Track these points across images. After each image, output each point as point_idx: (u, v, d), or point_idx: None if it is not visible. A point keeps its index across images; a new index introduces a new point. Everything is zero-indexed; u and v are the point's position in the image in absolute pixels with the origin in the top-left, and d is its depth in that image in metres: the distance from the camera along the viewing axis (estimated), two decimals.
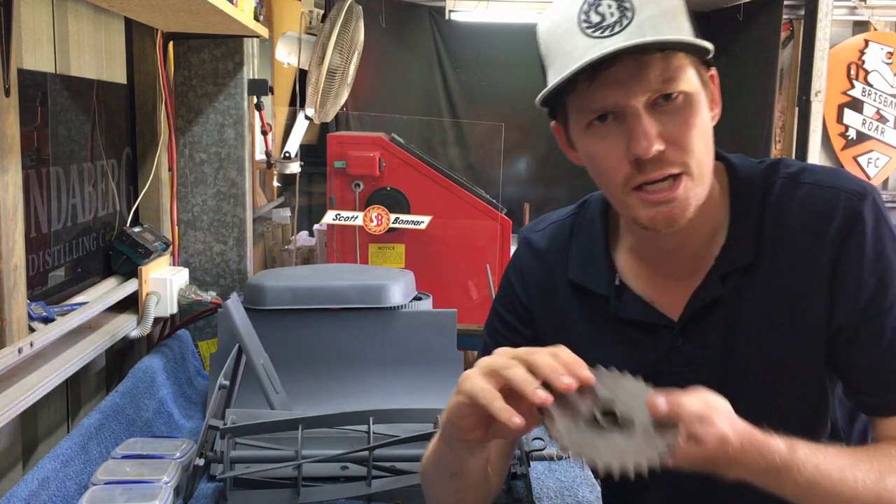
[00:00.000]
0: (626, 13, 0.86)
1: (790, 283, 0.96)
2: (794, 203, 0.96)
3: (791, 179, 0.98)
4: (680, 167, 0.89)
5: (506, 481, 1.44)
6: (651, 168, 0.89)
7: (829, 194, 0.95)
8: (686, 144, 0.89)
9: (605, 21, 0.86)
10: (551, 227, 1.11)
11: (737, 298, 0.97)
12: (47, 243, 1.57)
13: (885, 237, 0.94)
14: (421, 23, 4.77)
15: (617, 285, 1.03)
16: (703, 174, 0.92)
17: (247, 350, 1.64)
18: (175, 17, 1.82)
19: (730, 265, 0.97)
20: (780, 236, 0.96)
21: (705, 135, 0.91)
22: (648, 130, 0.87)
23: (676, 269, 1.00)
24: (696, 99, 0.90)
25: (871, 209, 0.94)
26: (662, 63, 0.87)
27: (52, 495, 1.26)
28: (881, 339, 0.93)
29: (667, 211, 0.90)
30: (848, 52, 4.62)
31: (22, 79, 1.38)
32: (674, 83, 0.87)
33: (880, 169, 4.71)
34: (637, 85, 0.87)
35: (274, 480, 1.44)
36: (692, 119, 0.89)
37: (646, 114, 0.87)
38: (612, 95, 0.88)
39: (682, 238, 0.98)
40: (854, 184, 0.96)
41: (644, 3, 0.87)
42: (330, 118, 2.71)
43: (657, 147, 0.87)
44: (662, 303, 1.01)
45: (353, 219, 3.06)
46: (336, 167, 3.10)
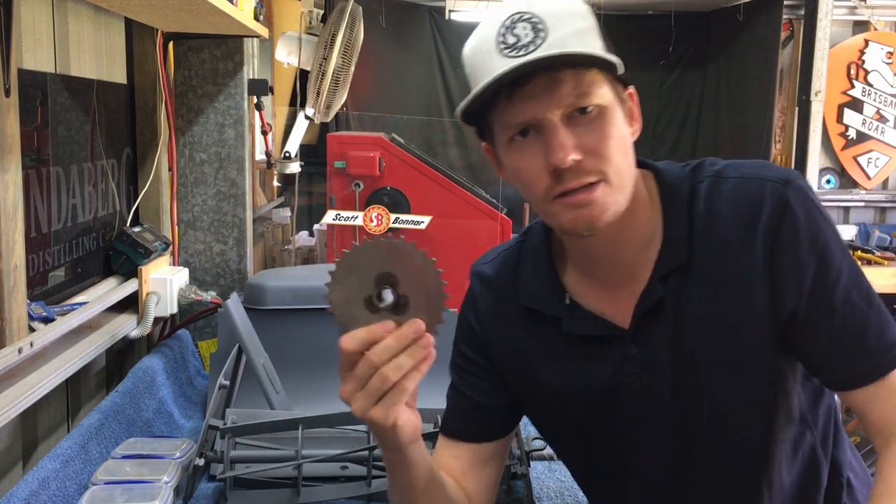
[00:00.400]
0: (539, 34, 0.92)
1: (727, 276, 0.99)
2: (721, 199, 1.00)
3: (716, 177, 1.02)
4: (597, 175, 0.93)
5: (506, 481, 1.44)
6: (569, 177, 0.93)
7: (755, 185, 0.99)
8: (602, 153, 0.93)
9: (520, 42, 0.92)
10: (499, 258, 1.15)
11: (678, 298, 1.00)
12: (47, 243, 1.57)
13: (816, 218, 0.97)
14: (421, 23, 4.77)
15: (568, 304, 1.06)
16: (623, 182, 0.96)
17: (247, 350, 1.64)
18: (175, 17, 1.82)
19: (667, 266, 1.00)
20: (711, 232, 1.00)
21: (623, 145, 0.95)
22: (564, 141, 0.92)
23: (620, 279, 1.03)
24: (610, 112, 0.94)
25: (797, 194, 0.97)
26: (575, 78, 0.92)
27: (52, 495, 1.26)
28: (834, 315, 0.96)
29: (586, 213, 0.94)
30: (848, 51, 4.62)
31: (22, 79, 1.38)
32: (587, 97, 0.92)
33: (880, 169, 4.71)
34: (551, 99, 0.92)
35: (274, 480, 1.44)
36: (608, 130, 0.94)
37: (562, 126, 0.92)
38: (529, 110, 0.93)
39: (618, 247, 1.01)
40: (778, 172, 1.00)
41: (556, 24, 0.92)
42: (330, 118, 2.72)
43: (573, 157, 0.91)
44: (612, 314, 1.04)
45: (353, 219, 3.06)
46: (336, 167, 3.10)
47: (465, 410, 0.90)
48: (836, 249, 0.97)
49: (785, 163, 4.70)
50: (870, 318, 0.96)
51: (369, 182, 3.10)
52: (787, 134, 4.73)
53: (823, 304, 0.96)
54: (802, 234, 0.96)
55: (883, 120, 4.65)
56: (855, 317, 0.96)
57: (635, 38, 4.90)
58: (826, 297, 0.96)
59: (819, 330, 0.97)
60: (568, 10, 0.94)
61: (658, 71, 5.01)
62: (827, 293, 0.96)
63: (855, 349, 0.96)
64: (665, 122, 5.09)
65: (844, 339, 0.96)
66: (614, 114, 0.95)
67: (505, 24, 0.93)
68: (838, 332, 0.96)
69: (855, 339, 0.96)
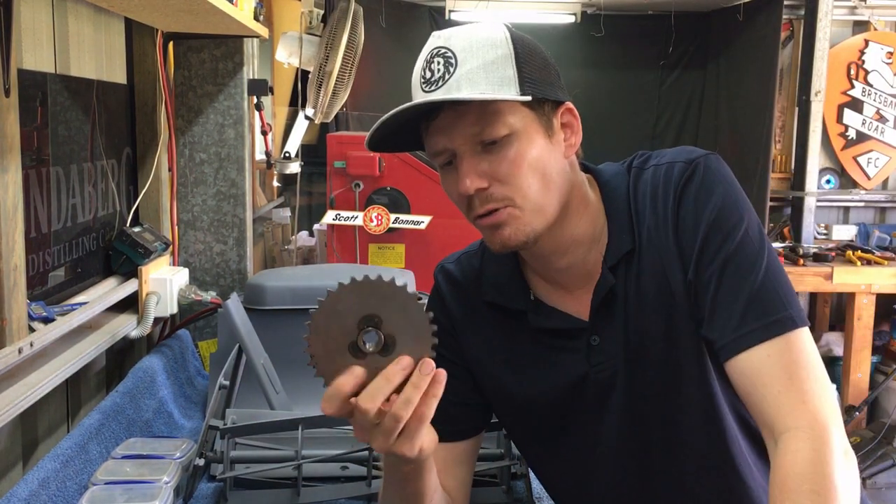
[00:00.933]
0: (449, 69, 0.97)
1: (655, 258, 1.03)
2: (645, 185, 1.05)
3: (640, 168, 1.08)
4: (504, 202, 0.98)
5: (506, 481, 1.45)
6: (477, 204, 0.99)
7: (667, 169, 1.04)
8: (510, 181, 0.98)
9: (434, 76, 0.98)
10: (464, 257, 1.18)
11: (626, 284, 1.04)
12: (47, 243, 1.57)
13: (713, 188, 1.01)
14: (421, 23, 4.77)
15: (532, 300, 1.10)
16: (536, 204, 0.99)
17: (247, 350, 1.64)
18: (175, 17, 1.82)
19: (614, 257, 1.04)
20: (640, 219, 1.04)
21: (538, 168, 0.99)
22: (468, 171, 0.97)
23: (577, 280, 1.07)
24: (521, 138, 0.98)
25: (698, 170, 1.02)
26: (479, 110, 0.96)
27: (52, 495, 1.26)
28: (720, 277, 0.97)
29: (499, 234, 1.00)
30: (848, 51, 4.62)
31: (22, 79, 1.38)
32: (491, 129, 0.96)
33: (880, 169, 4.71)
34: (456, 131, 0.97)
35: (274, 480, 1.44)
36: (517, 157, 0.97)
37: (468, 157, 0.98)
38: (440, 142, 0.99)
39: (569, 252, 1.05)
40: (689, 154, 1.05)
41: (467, 57, 0.97)
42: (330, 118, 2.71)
43: (477, 185, 0.97)
44: (575, 310, 1.07)
45: (353, 219, 3.06)
46: (336, 167, 3.10)
47: (439, 410, 0.92)
48: (732, 217, 0.99)
49: (785, 163, 4.70)
50: (752, 286, 0.95)
51: (369, 182, 3.10)
52: (786, 134, 4.73)
53: (707, 270, 0.98)
54: (697, 205, 1.00)
55: (883, 120, 4.65)
56: (734, 283, 0.96)
57: (635, 38, 4.90)
58: (709, 262, 0.98)
59: (706, 292, 0.98)
60: (482, 42, 0.98)
61: (658, 71, 5.00)
62: (711, 259, 0.98)
63: (732, 315, 0.95)
64: (665, 122, 5.09)
65: (724, 304, 0.96)
66: (527, 139, 0.98)
67: (426, 59, 1.00)
68: (718, 295, 0.97)
69: (731, 304, 0.96)
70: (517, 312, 1.10)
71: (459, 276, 1.16)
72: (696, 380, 1.03)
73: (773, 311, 0.94)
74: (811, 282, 3.87)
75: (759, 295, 0.95)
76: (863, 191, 4.73)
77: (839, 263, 3.93)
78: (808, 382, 0.92)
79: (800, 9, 4.51)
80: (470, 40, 0.98)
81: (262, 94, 2.32)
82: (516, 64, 0.98)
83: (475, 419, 1.15)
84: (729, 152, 4.76)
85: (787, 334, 0.93)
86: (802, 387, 0.91)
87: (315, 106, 2.43)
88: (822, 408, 0.90)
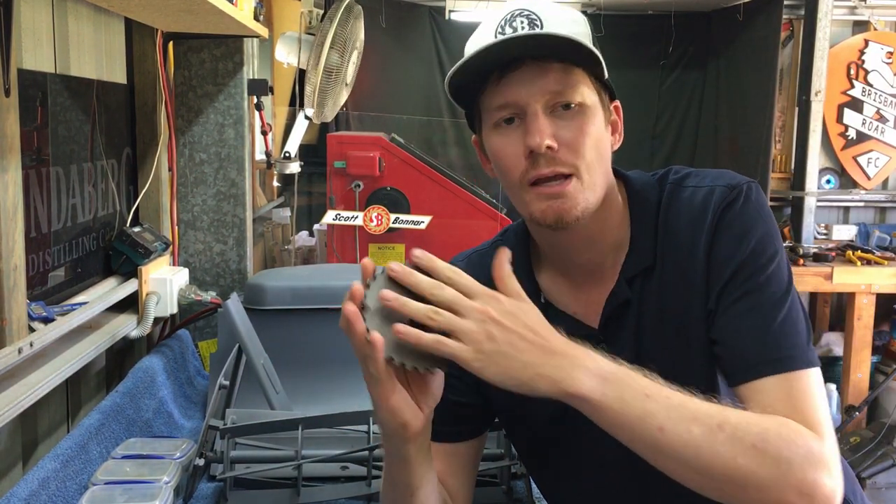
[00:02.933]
0: (535, 26, 0.97)
1: (679, 279, 1.02)
2: (679, 205, 1.04)
3: (677, 185, 1.06)
4: (570, 168, 0.97)
5: (506, 481, 1.45)
6: (543, 163, 0.97)
7: (707, 192, 1.03)
8: (578, 149, 0.97)
9: (517, 33, 0.96)
10: (475, 256, 1.17)
11: (641, 299, 1.03)
12: (47, 243, 1.57)
13: (752, 219, 1.00)
14: (421, 23, 4.77)
15: (542, 303, 1.08)
16: (594, 181, 0.99)
17: (247, 350, 1.64)
18: (175, 17, 1.82)
19: (633, 269, 1.04)
20: (669, 237, 1.03)
21: (598, 147, 0.99)
22: (542, 128, 0.95)
23: (591, 280, 1.07)
24: (592, 112, 0.98)
25: (739, 199, 1.01)
26: (562, 73, 0.96)
27: (51, 495, 1.26)
28: (743, 302, 0.97)
29: (557, 206, 0.97)
30: (848, 51, 4.62)
31: (22, 79, 1.38)
32: (571, 92, 0.96)
33: (880, 169, 4.71)
34: (537, 87, 0.96)
35: (274, 480, 1.44)
36: (586, 128, 0.97)
37: (543, 115, 0.96)
38: (515, 94, 0.97)
39: (592, 248, 1.05)
40: (731, 179, 1.03)
41: (554, 22, 0.97)
42: (329, 118, 2.71)
43: (548, 142, 0.95)
44: (584, 313, 1.07)
45: (353, 219, 3.06)
46: (336, 167, 3.10)
47: (442, 410, 0.91)
48: (764, 250, 0.98)
49: (785, 163, 4.70)
50: (775, 321, 0.95)
51: (369, 182, 3.10)
52: (786, 134, 4.73)
53: (733, 296, 0.97)
54: (734, 235, 0.99)
55: (883, 120, 4.65)
56: (760, 315, 0.96)
57: (635, 38, 4.90)
58: (737, 290, 0.97)
59: (721, 322, 0.98)
60: (567, 15, 0.99)
61: (658, 71, 5.01)
62: (739, 287, 0.97)
63: (754, 344, 0.95)
64: (665, 122, 5.09)
65: (745, 333, 0.96)
66: (595, 115, 0.99)
67: (504, 19, 0.98)
68: (741, 324, 0.97)
69: (754, 334, 0.95)
70: None
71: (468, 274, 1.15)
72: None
73: (788, 348, 0.95)
74: (811, 282, 3.87)
75: (777, 332, 0.95)
76: (863, 191, 4.73)
77: (839, 263, 3.93)
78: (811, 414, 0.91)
79: (800, 9, 4.51)
80: (553, 9, 0.98)
81: (262, 94, 2.32)
82: (594, 42, 0.99)
83: (477, 420, 1.14)
84: (729, 152, 4.76)
85: (797, 371, 0.93)
86: (805, 418, 0.90)
87: (310, 104, 2.44)
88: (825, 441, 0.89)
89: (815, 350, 0.98)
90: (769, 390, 0.93)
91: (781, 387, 0.92)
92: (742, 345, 0.96)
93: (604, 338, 1.04)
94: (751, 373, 0.95)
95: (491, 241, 1.18)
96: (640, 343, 1.03)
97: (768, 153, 4.39)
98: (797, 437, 0.86)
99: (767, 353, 0.95)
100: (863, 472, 3.36)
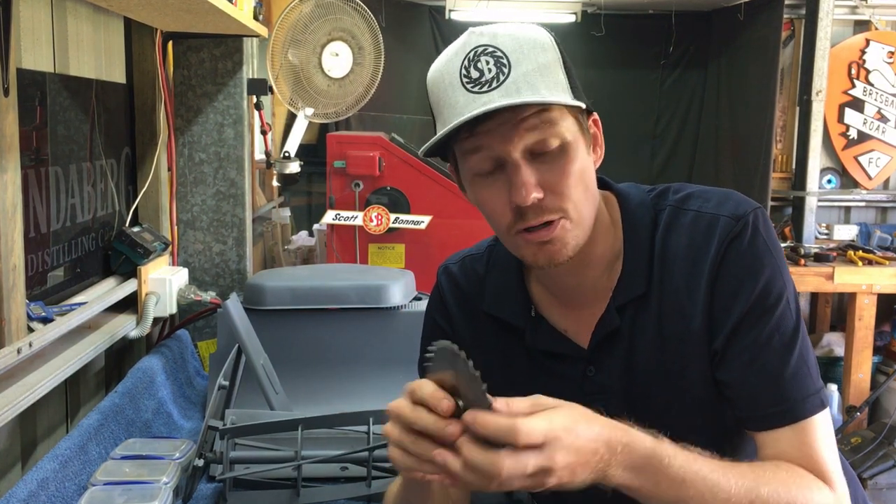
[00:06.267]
0: (502, 69, 0.92)
1: (677, 309, 0.99)
2: (679, 231, 1.01)
3: (676, 207, 1.03)
4: (558, 213, 0.94)
5: None
6: (531, 215, 0.94)
7: (710, 220, 0.99)
8: (563, 192, 0.94)
9: (484, 77, 0.92)
10: (468, 259, 1.16)
11: (632, 328, 1.01)
12: (46, 243, 1.56)
13: (760, 257, 0.97)
14: (421, 22, 4.77)
15: (533, 316, 1.07)
16: (583, 216, 0.96)
17: (246, 350, 1.63)
18: (174, 17, 1.82)
19: (624, 297, 1.01)
20: (667, 265, 1.00)
21: (583, 180, 0.96)
22: (526, 180, 0.92)
23: (582, 300, 1.04)
24: (573, 147, 0.94)
25: (746, 231, 0.97)
26: (538, 116, 0.92)
27: (51, 496, 1.26)
28: (751, 353, 0.96)
29: (547, 250, 0.95)
30: (849, 51, 4.62)
31: (21, 78, 1.38)
32: (550, 135, 0.92)
33: (881, 169, 4.70)
34: (514, 135, 0.92)
35: (273, 481, 1.44)
36: (569, 167, 0.94)
37: (524, 164, 0.92)
38: (492, 145, 0.92)
39: (581, 273, 1.02)
40: (736, 207, 0.99)
41: (520, 59, 0.92)
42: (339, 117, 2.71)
43: (535, 195, 0.92)
44: (574, 331, 1.05)
45: (353, 219, 3.05)
46: (336, 167, 3.10)
47: None
48: (773, 290, 0.96)
49: (786, 162, 4.70)
50: (788, 364, 0.95)
51: (369, 182, 3.09)
52: (787, 133, 4.72)
53: (744, 341, 0.96)
54: (741, 272, 0.96)
55: (884, 119, 4.65)
56: (772, 359, 0.95)
57: (636, 38, 4.90)
58: (748, 334, 0.96)
59: (733, 366, 0.97)
60: (532, 43, 0.93)
61: (658, 70, 5.00)
62: (750, 331, 0.96)
63: (767, 391, 0.96)
64: (665, 121, 5.08)
65: (758, 379, 0.96)
66: (577, 148, 0.95)
67: (468, 57, 0.93)
68: (753, 370, 0.96)
69: (768, 381, 0.95)
70: (515, 328, 1.08)
71: (462, 280, 1.14)
72: (700, 433, 0.99)
73: (800, 393, 0.95)
74: (812, 282, 3.87)
75: (790, 380, 0.95)
76: (864, 191, 4.73)
77: (840, 263, 3.92)
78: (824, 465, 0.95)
79: (801, 8, 4.50)
80: (518, 41, 0.93)
81: (262, 94, 2.32)
82: (564, 68, 0.95)
83: None
84: (730, 152, 4.76)
85: (810, 419, 0.95)
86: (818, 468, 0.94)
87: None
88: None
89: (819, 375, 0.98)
90: (783, 440, 0.95)
91: (795, 436, 0.95)
92: (755, 394, 0.96)
93: (592, 360, 1.03)
94: (765, 423, 0.96)
95: (486, 245, 1.16)
96: (631, 372, 1.01)
97: (769, 153, 4.38)
98: None
99: (780, 405, 0.95)
100: (864, 473, 3.36)
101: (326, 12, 2.51)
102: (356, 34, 2.56)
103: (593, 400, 1.01)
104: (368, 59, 2.58)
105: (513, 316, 1.08)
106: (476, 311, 1.12)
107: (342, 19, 2.53)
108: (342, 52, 2.56)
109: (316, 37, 2.51)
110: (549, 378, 1.06)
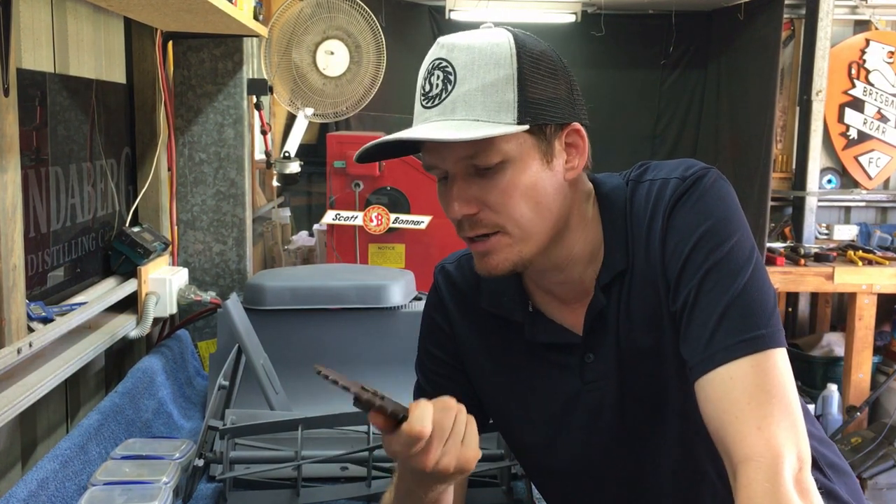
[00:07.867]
0: (447, 86, 0.93)
1: (647, 278, 0.99)
2: (639, 202, 1.01)
3: (636, 181, 1.03)
4: (493, 228, 0.96)
5: (505, 482, 1.44)
6: (467, 227, 0.97)
7: (661, 184, 1.00)
8: (501, 209, 0.94)
9: (432, 91, 0.95)
10: (464, 259, 1.17)
11: (618, 306, 1.01)
12: (46, 243, 1.56)
13: (708, 203, 0.96)
14: (421, 22, 4.76)
15: (531, 311, 1.07)
16: (528, 232, 0.96)
17: (246, 350, 1.64)
18: (174, 17, 1.82)
19: (608, 276, 1.01)
20: (635, 237, 1.01)
21: (532, 195, 0.95)
22: (456, 196, 0.95)
23: (573, 293, 1.05)
24: (517, 164, 0.94)
25: (697, 185, 0.97)
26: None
27: (51, 496, 1.26)
28: (696, 294, 0.93)
29: (486, 262, 0.98)
30: (849, 51, 4.62)
31: (21, 78, 1.38)
32: (484, 155, 0.93)
33: (881, 168, 4.70)
34: (448, 154, 0.94)
35: (274, 481, 1.44)
36: (509, 185, 0.94)
37: (461, 178, 0.95)
38: (433, 160, 0.97)
39: (566, 270, 1.03)
40: (686, 169, 0.99)
41: (466, 76, 0.93)
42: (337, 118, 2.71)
43: (464, 211, 0.95)
44: (571, 322, 1.05)
45: (353, 219, 3.05)
46: (336, 167, 3.10)
47: None
48: (722, 232, 0.94)
49: (786, 163, 4.70)
50: (736, 297, 0.91)
51: (369, 182, 3.09)
52: (787, 133, 4.72)
53: (692, 280, 0.93)
54: (686, 224, 0.96)
55: (884, 119, 4.65)
56: (720, 294, 0.91)
57: (636, 38, 4.89)
58: (696, 272, 0.93)
59: (685, 306, 0.94)
60: (486, 59, 0.93)
61: (658, 70, 5.00)
62: (699, 268, 0.93)
63: (710, 327, 0.91)
64: (665, 121, 5.08)
65: (703, 316, 0.92)
66: (522, 165, 0.94)
67: (427, 69, 0.96)
68: (700, 307, 0.93)
69: (712, 317, 0.91)
70: (514, 323, 1.08)
71: (459, 279, 1.15)
72: (680, 408, 0.99)
73: (746, 328, 0.89)
74: (812, 282, 3.87)
75: (734, 310, 0.90)
76: (864, 191, 4.73)
77: (840, 263, 3.92)
78: (767, 407, 0.86)
79: (801, 8, 4.50)
80: (473, 55, 0.93)
81: (262, 94, 2.32)
82: (518, 85, 0.92)
83: None
84: (730, 152, 4.76)
85: (756, 355, 0.88)
86: (761, 412, 0.86)
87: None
88: (777, 434, 0.84)
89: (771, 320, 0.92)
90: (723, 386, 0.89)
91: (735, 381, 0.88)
92: (695, 335, 0.92)
93: (589, 346, 1.03)
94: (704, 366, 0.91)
95: None
96: (620, 349, 1.01)
97: (769, 153, 4.38)
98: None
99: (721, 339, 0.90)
100: (864, 473, 3.36)
101: (323, 11, 2.51)
102: (353, 32, 2.56)
103: (593, 388, 1.03)
104: (368, 59, 2.58)
105: (511, 312, 1.08)
106: (474, 309, 1.12)
107: (338, 17, 2.53)
108: (338, 51, 2.55)
109: (310, 35, 2.51)
110: (550, 369, 1.06)
